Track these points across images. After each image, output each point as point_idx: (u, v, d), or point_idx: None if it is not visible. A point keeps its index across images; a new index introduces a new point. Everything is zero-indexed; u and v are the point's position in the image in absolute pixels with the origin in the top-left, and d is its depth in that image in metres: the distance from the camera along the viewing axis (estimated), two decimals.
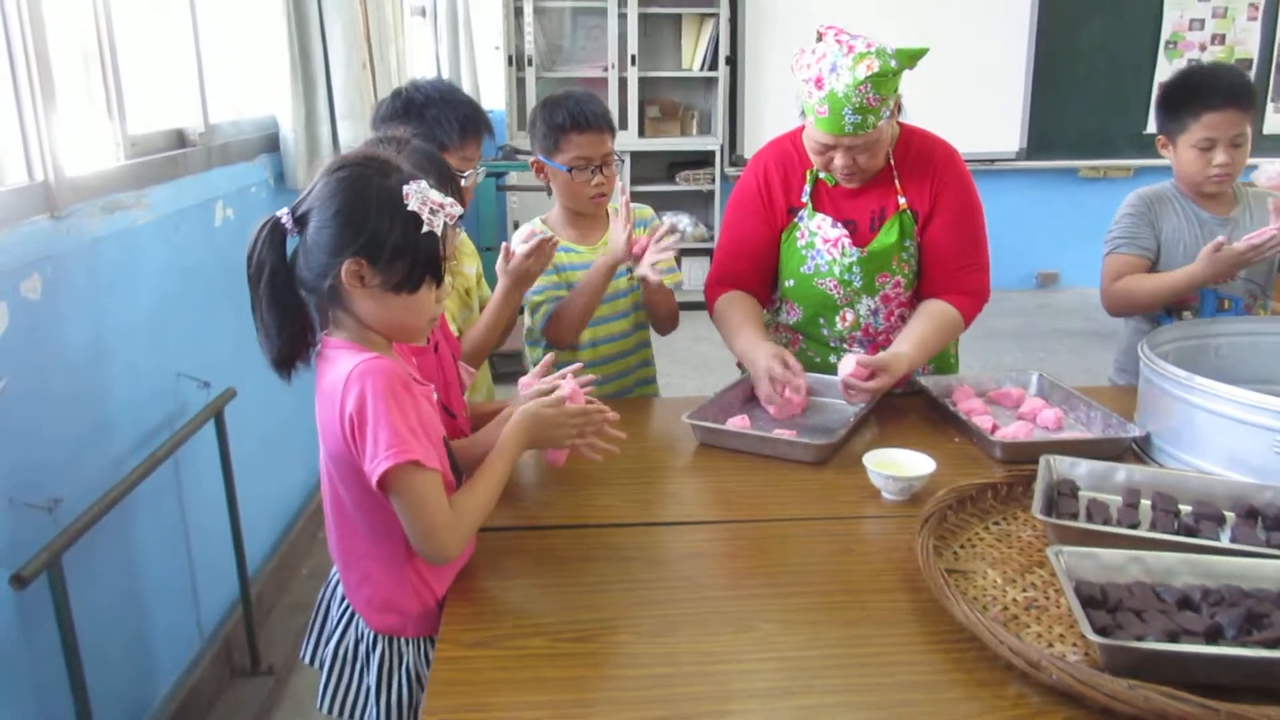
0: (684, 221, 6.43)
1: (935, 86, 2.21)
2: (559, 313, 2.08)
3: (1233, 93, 2.11)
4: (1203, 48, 6.36)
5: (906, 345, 1.95)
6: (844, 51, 1.82)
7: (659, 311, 2.18)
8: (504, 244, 1.95)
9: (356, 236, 1.23)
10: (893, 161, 2.02)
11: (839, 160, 1.93)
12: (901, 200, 2.01)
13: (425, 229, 1.25)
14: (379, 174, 1.26)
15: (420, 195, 1.25)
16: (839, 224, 2.03)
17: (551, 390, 1.51)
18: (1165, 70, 6.26)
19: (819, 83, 1.85)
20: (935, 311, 2.02)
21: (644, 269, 1.96)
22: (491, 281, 2.00)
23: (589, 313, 2.08)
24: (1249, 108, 2.12)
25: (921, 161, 2.02)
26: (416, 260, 1.27)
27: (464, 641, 1.25)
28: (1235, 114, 2.11)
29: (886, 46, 1.82)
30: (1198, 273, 2.09)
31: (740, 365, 2.32)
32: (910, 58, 1.83)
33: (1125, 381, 2.33)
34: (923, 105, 2.02)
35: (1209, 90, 2.12)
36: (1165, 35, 6.32)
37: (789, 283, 2.12)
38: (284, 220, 1.25)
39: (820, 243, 2.04)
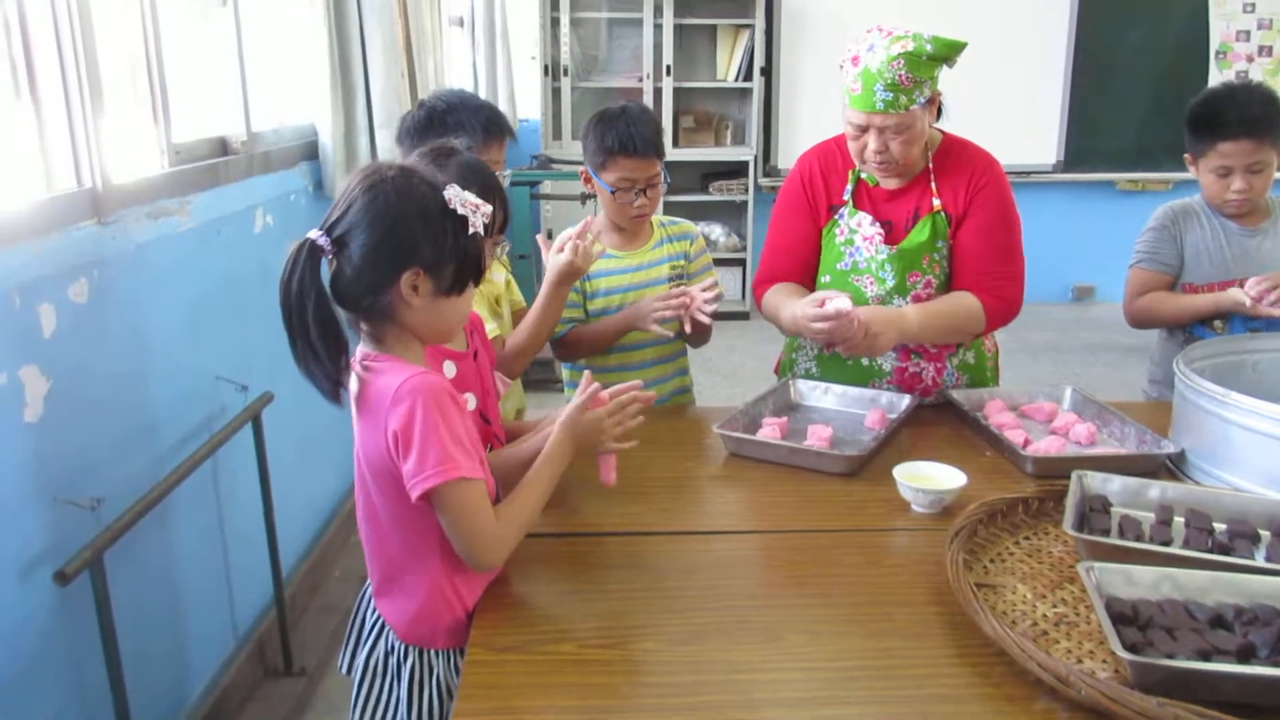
0: (717, 231, 6.44)
1: (972, 97, 2.21)
2: (573, 339, 2.13)
3: (1248, 123, 2.11)
4: (1250, 59, 6.28)
5: (909, 309, 1.98)
6: (883, 35, 1.88)
7: (698, 329, 2.19)
8: (542, 241, 1.99)
9: (415, 249, 1.25)
10: (931, 165, 2.03)
11: (872, 143, 1.94)
12: (936, 202, 2.02)
13: (470, 230, 1.28)
14: (421, 183, 1.27)
15: (460, 198, 1.28)
16: (877, 222, 2.04)
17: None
18: (1217, 80, 6.20)
19: (855, 60, 1.90)
20: (954, 296, 2.03)
21: (697, 316, 1.99)
22: (523, 284, 2.01)
23: (599, 349, 2.14)
24: (1266, 135, 2.12)
25: (960, 166, 2.03)
26: (465, 263, 1.29)
27: (494, 646, 1.27)
28: (1251, 143, 2.12)
29: (924, 33, 1.85)
30: (1224, 305, 2.16)
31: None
32: (947, 47, 1.86)
33: (1158, 393, 2.33)
34: (960, 116, 2.03)
35: (1225, 119, 2.14)
36: (1214, 45, 6.25)
37: (825, 279, 2.12)
38: (321, 242, 1.24)
39: (860, 240, 2.06)
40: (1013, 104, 5.99)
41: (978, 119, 2.19)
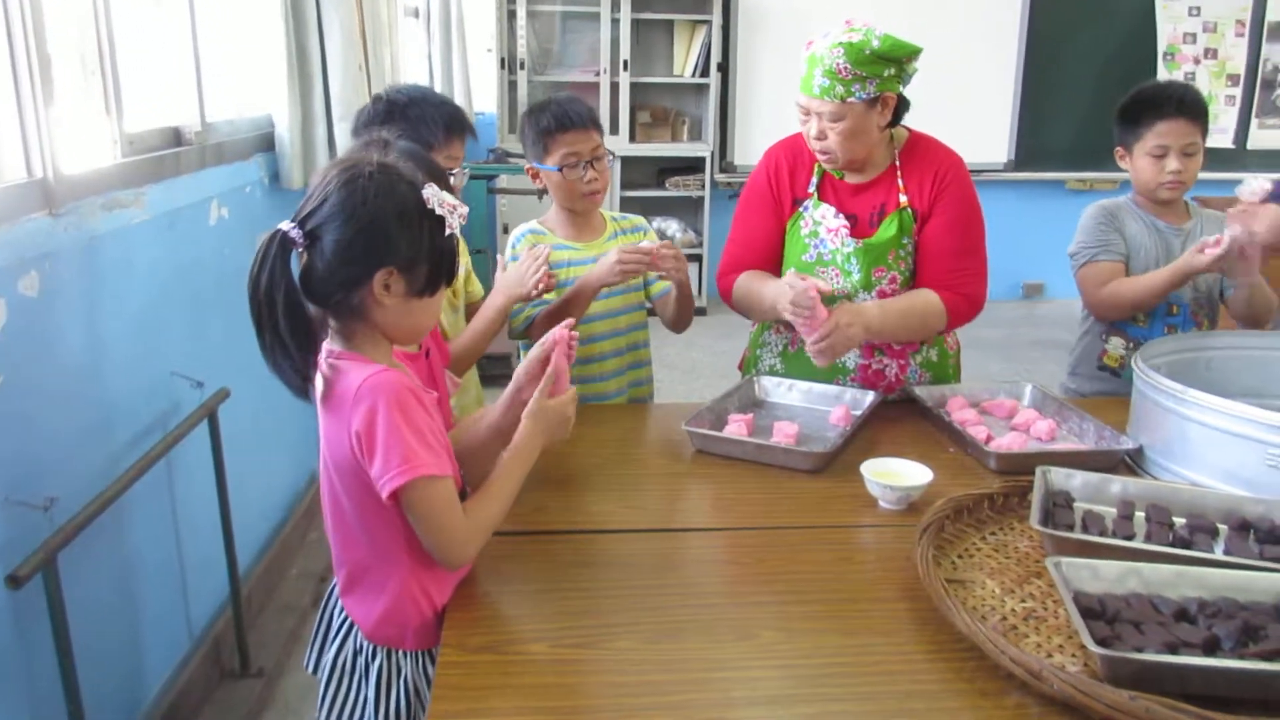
0: (673, 227, 6.45)
1: (926, 96, 2.24)
2: (546, 319, 2.07)
3: (1184, 104, 2.21)
4: (1197, 61, 6.43)
5: (869, 305, 1.98)
6: (844, 25, 1.90)
7: (683, 305, 2.16)
8: (499, 258, 1.98)
9: (390, 248, 1.23)
10: (898, 162, 2.05)
11: (812, 129, 1.97)
12: (903, 198, 2.03)
13: (447, 231, 1.26)
14: (400, 181, 1.25)
15: (438, 199, 1.26)
16: (841, 214, 2.06)
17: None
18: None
19: (809, 44, 1.93)
20: (915, 293, 2.04)
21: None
22: (481, 278, 2.01)
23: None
24: (1199, 119, 2.22)
25: (926, 163, 2.05)
26: (440, 264, 1.28)
27: (467, 647, 1.25)
28: (1186, 124, 2.21)
29: (877, 30, 1.87)
30: (1179, 266, 2.13)
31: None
32: (895, 48, 1.87)
33: (1076, 386, 2.37)
34: (914, 115, 2.05)
35: (1161, 101, 2.23)
36: (1162, 48, 6.38)
37: (790, 271, 2.12)
38: (293, 234, 1.22)
39: (825, 232, 2.07)
40: (965, 103, 6.05)
41: (931, 118, 2.21)
